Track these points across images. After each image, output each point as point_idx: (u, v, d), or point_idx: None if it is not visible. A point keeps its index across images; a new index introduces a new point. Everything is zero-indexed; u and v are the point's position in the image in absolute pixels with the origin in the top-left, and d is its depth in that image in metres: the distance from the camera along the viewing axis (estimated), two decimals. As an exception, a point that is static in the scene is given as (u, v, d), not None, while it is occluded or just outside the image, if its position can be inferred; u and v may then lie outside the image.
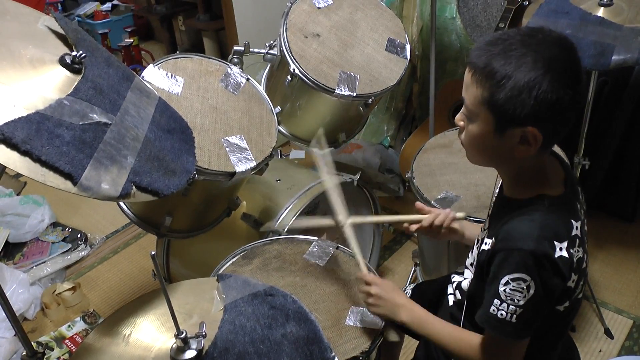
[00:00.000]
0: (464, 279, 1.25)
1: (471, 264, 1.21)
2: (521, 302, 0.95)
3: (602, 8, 1.62)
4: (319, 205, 1.83)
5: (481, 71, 0.93)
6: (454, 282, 1.31)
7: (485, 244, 1.06)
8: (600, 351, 1.96)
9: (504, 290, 0.95)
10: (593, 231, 2.47)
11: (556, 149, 1.82)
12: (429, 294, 1.41)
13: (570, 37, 1.51)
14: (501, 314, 0.96)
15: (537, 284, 0.93)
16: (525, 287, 0.94)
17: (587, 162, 1.91)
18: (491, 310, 0.98)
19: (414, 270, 2.19)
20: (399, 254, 2.47)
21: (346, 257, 1.48)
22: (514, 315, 0.96)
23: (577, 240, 0.98)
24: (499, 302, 0.97)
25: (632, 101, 2.29)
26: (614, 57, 1.50)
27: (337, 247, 1.49)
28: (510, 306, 0.95)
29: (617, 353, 1.96)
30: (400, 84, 2.64)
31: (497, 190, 1.17)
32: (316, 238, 1.53)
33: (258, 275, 1.41)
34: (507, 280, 0.95)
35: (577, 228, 0.99)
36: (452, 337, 1.12)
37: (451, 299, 1.29)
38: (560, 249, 0.95)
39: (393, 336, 1.25)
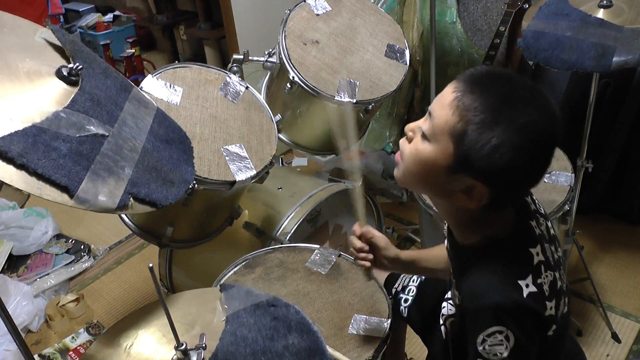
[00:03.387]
0: (450, 313, 1.23)
1: (451, 299, 1.18)
2: (505, 354, 0.88)
3: (602, 9, 1.61)
4: (320, 213, 1.82)
5: (466, 103, 0.85)
6: (443, 314, 1.29)
7: (456, 296, 1.01)
8: (607, 355, 1.94)
9: (483, 348, 0.90)
10: (598, 234, 2.46)
11: (557, 150, 1.83)
12: (430, 301, 1.38)
13: (570, 39, 1.54)
14: None
15: (514, 332, 0.88)
16: (503, 338, 0.88)
17: (590, 165, 1.89)
18: None
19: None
20: (403, 260, 2.45)
21: (348, 264, 1.47)
22: None
23: (542, 266, 0.93)
24: None
25: (635, 103, 2.27)
26: (615, 59, 1.48)
27: (340, 255, 1.49)
28: None
29: (625, 357, 1.94)
30: (402, 90, 2.63)
31: (446, 225, 1.11)
32: (318, 246, 1.52)
33: (260, 284, 1.41)
34: (483, 339, 0.89)
35: (537, 253, 0.93)
36: None
37: (443, 331, 1.27)
38: (527, 286, 0.89)
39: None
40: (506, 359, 0.89)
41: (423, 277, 1.44)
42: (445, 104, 0.87)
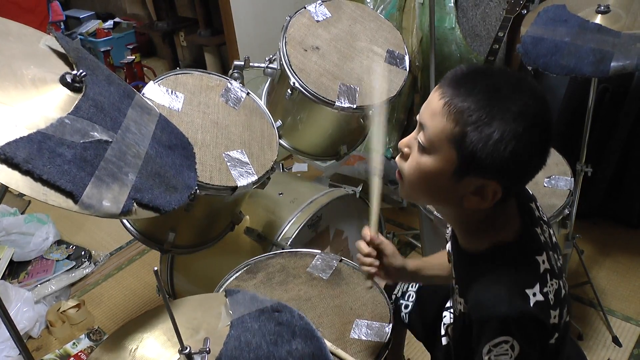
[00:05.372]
0: (451, 322, 1.22)
1: (452, 307, 1.18)
2: None
3: (600, 15, 1.62)
4: (321, 218, 1.83)
5: (458, 105, 0.84)
6: (444, 323, 1.29)
7: (459, 303, 1.01)
8: (609, 359, 1.95)
9: (489, 358, 0.90)
10: (599, 239, 2.47)
11: (555, 154, 1.83)
12: (430, 310, 1.38)
13: (569, 45, 1.56)
14: None
15: (520, 341, 0.88)
16: (509, 348, 0.88)
17: (590, 170, 1.90)
18: None
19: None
20: (404, 265, 2.46)
21: (350, 269, 1.47)
22: None
23: (548, 274, 0.93)
24: None
25: (634, 107, 2.29)
26: (613, 64, 1.50)
27: (341, 260, 1.49)
28: None
29: (626, 361, 1.95)
30: (402, 95, 2.64)
31: (449, 230, 1.11)
32: (319, 251, 1.53)
33: (262, 289, 1.41)
34: (489, 348, 0.89)
35: (543, 261, 0.93)
36: None
37: (444, 341, 1.27)
38: (534, 294, 0.89)
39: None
40: None
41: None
42: (436, 112, 0.87)
